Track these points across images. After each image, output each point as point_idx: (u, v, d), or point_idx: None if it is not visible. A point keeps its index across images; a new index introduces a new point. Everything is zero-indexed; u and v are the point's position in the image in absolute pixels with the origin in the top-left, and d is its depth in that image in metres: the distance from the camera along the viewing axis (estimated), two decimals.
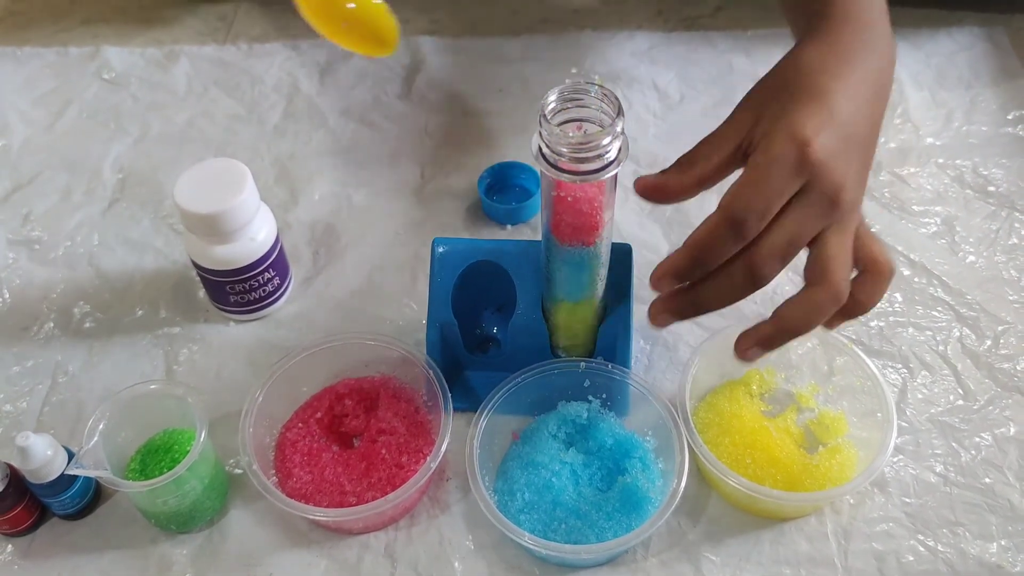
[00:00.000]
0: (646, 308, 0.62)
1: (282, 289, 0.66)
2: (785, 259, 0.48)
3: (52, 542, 0.56)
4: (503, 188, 0.73)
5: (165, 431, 0.58)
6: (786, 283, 0.66)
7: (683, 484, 0.51)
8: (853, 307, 0.50)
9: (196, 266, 0.62)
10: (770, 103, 0.49)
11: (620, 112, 0.46)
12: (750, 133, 0.48)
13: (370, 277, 0.68)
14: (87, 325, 0.66)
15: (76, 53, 0.86)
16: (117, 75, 0.84)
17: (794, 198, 0.46)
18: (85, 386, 0.62)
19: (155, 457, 0.56)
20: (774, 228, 0.46)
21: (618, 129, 0.45)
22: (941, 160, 0.74)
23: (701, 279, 0.48)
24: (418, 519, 0.56)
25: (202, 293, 0.67)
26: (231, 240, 0.60)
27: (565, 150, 0.45)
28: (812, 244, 0.48)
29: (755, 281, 0.47)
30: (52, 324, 0.66)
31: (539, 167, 0.47)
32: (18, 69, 0.85)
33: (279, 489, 0.54)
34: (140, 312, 0.67)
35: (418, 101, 0.81)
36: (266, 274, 0.63)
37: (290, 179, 0.75)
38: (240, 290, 0.63)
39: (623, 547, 0.52)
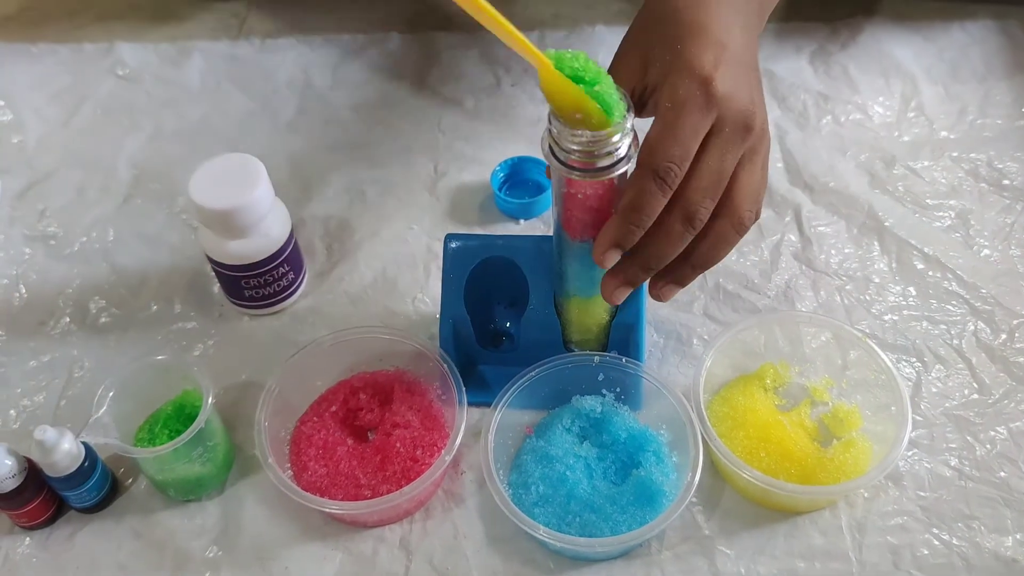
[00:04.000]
0: (652, 302, 0.63)
1: (296, 284, 0.66)
2: (716, 196, 0.49)
3: (70, 535, 0.56)
4: (517, 183, 0.73)
5: (172, 401, 0.58)
6: (799, 275, 0.66)
7: (697, 477, 0.51)
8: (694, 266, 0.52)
9: (211, 261, 0.63)
10: (655, 45, 0.49)
11: (630, 108, 0.46)
12: (642, 79, 0.50)
13: (384, 272, 0.68)
14: (103, 320, 0.66)
15: (90, 49, 0.86)
16: (131, 71, 0.84)
17: (708, 134, 0.47)
18: (101, 381, 0.62)
19: (163, 426, 0.57)
20: (698, 169, 0.48)
21: (628, 126, 0.45)
22: (955, 154, 0.74)
23: (642, 241, 0.49)
24: (433, 512, 0.56)
25: (217, 288, 0.67)
26: (246, 235, 0.61)
27: (575, 147, 0.45)
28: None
29: (693, 226, 0.49)
30: (68, 319, 0.66)
31: (549, 164, 0.47)
32: (32, 65, 0.85)
33: (294, 482, 0.55)
34: (155, 307, 0.67)
35: (431, 96, 0.81)
36: (280, 268, 0.63)
37: (304, 174, 0.75)
38: (255, 285, 0.63)
39: (637, 540, 0.52)
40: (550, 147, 0.47)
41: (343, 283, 0.68)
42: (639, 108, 0.50)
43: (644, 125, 0.48)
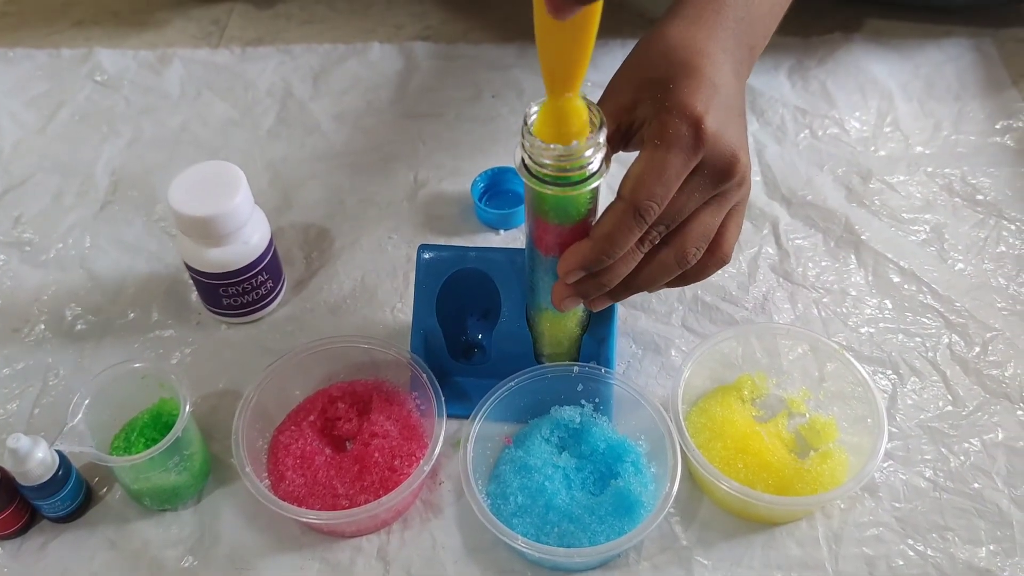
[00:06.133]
0: (631, 314, 0.63)
1: (275, 292, 0.66)
2: (707, 242, 0.52)
3: (42, 545, 0.55)
4: (497, 193, 0.73)
5: (148, 409, 0.58)
6: (776, 288, 0.67)
7: (676, 488, 0.52)
8: (681, 281, 0.54)
9: (189, 269, 0.62)
10: (646, 82, 0.50)
11: (603, 124, 0.46)
12: (631, 114, 0.50)
13: (363, 280, 0.68)
14: (79, 327, 0.66)
15: (68, 55, 0.86)
16: (109, 77, 0.84)
17: (692, 174, 0.48)
18: (76, 389, 0.61)
19: (139, 434, 0.57)
20: (672, 205, 0.48)
21: (600, 140, 0.46)
22: (930, 169, 0.75)
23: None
24: (411, 522, 0.56)
25: (195, 296, 0.67)
26: (225, 243, 0.60)
27: (548, 161, 0.46)
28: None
29: (685, 264, 0.51)
30: (43, 326, 0.66)
31: (523, 178, 0.48)
32: (9, 70, 0.85)
33: (272, 492, 0.54)
34: (132, 315, 0.66)
35: (412, 106, 0.81)
36: (259, 277, 0.63)
37: (283, 183, 0.75)
38: (233, 293, 0.63)
39: (616, 551, 0.52)
40: (523, 161, 0.47)
41: (322, 292, 0.68)
42: (625, 142, 0.51)
43: (627, 159, 0.49)
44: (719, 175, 0.49)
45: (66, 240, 0.71)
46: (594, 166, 0.46)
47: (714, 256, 0.53)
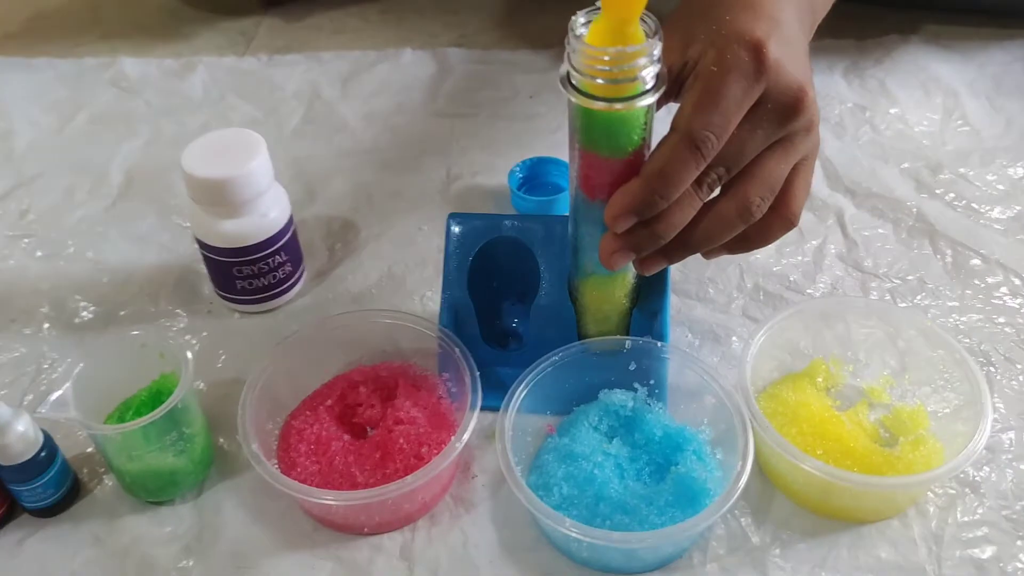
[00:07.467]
0: (685, 303, 0.57)
1: (294, 279, 0.60)
2: (774, 194, 0.45)
3: (19, 541, 0.48)
4: (535, 185, 0.68)
5: (147, 387, 0.51)
6: (845, 276, 0.60)
7: (749, 465, 0.44)
8: (743, 243, 0.48)
9: (201, 246, 0.57)
10: (699, 21, 0.45)
11: (658, 32, 0.41)
12: (683, 55, 0.44)
13: (390, 271, 0.63)
14: (82, 317, 0.60)
15: (92, 63, 0.83)
16: (132, 83, 0.81)
17: (754, 108, 0.43)
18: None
19: (135, 413, 0.50)
20: (732, 143, 0.43)
21: (655, 51, 0.41)
22: (1005, 161, 0.69)
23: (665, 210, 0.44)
24: (439, 518, 0.49)
25: (207, 288, 0.61)
26: (240, 214, 0.55)
27: (601, 67, 0.40)
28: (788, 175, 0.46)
29: (748, 219, 0.45)
30: (43, 316, 0.60)
31: (568, 96, 0.42)
32: (30, 78, 0.82)
33: None
34: (139, 304, 0.61)
35: (444, 106, 0.77)
36: (277, 257, 0.58)
37: (307, 177, 0.70)
38: (248, 274, 0.57)
39: (681, 536, 0.44)
40: (567, 76, 0.42)
41: (345, 282, 0.62)
42: (678, 88, 0.45)
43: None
44: (784, 111, 0.43)
45: (74, 233, 0.67)
46: (648, 79, 0.41)
47: (780, 215, 0.47)
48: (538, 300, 0.53)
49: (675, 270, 0.60)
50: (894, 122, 0.73)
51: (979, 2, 0.81)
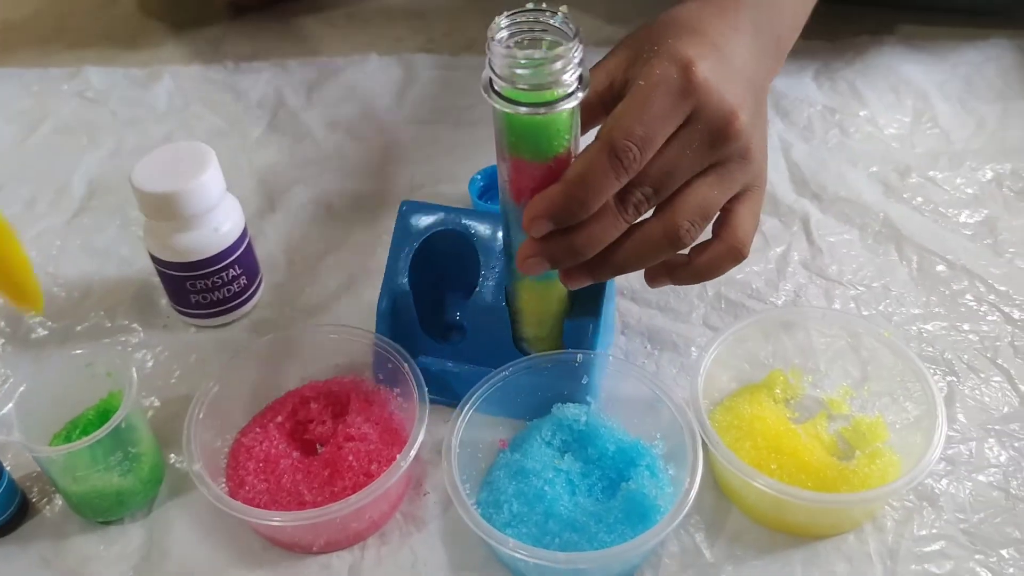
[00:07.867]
0: (646, 312, 0.56)
1: (250, 291, 0.59)
2: (705, 220, 0.45)
3: None
4: (497, 193, 0.67)
5: (95, 406, 0.50)
6: (809, 284, 0.59)
7: (698, 480, 0.43)
8: (688, 272, 0.47)
9: (155, 260, 0.56)
10: (645, 44, 0.44)
11: (578, 35, 0.40)
12: (624, 73, 0.44)
13: (349, 283, 0.62)
14: (37, 333, 0.60)
15: (57, 73, 0.82)
16: (97, 93, 0.80)
17: (684, 129, 0.42)
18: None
19: (82, 432, 0.49)
20: (659, 163, 0.43)
21: (576, 54, 0.40)
22: (974, 164, 0.68)
23: (586, 224, 0.43)
24: (389, 537, 0.48)
25: (164, 300, 0.61)
26: (191, 228, 0.55)
27: (520, 72, 0.40)
28: (730, 205, 0.46)
29: (679, 244, 0.44)
30: (1, 332, 0.60)
31: (490, 103, 0.41)
32: None
33: (229, 498, 0.47)
34: (95, 319, 0.60)
35: (409, 114, 0.76)
36: (231, 271, 0.57)
37: (269, 187, 0.70)
38: (202, 288, 0.57)
39: (628, 555, 0.43)
40: (490, 82, 0.41)
41: (304, 294, 0.61)
42: (617, 100, 0.44)
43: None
44: (714, 134, 0.43)
45: (34, 247, 0.66)
46: (570, 80, 0.40)
47: (724, 242, 0.46)
48: (477, 297, 0.52)
49: (635, 278, 0.59)
50: (864, 125, 0.72)
51: (955, 1, 0.81)
